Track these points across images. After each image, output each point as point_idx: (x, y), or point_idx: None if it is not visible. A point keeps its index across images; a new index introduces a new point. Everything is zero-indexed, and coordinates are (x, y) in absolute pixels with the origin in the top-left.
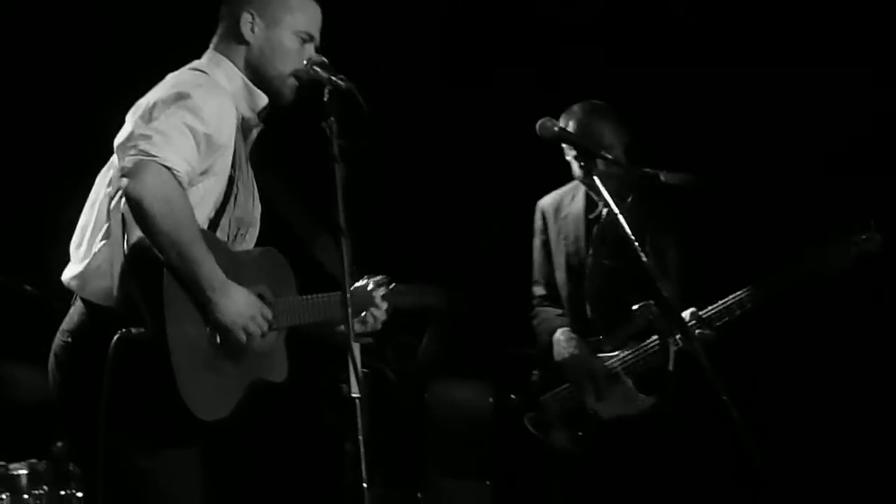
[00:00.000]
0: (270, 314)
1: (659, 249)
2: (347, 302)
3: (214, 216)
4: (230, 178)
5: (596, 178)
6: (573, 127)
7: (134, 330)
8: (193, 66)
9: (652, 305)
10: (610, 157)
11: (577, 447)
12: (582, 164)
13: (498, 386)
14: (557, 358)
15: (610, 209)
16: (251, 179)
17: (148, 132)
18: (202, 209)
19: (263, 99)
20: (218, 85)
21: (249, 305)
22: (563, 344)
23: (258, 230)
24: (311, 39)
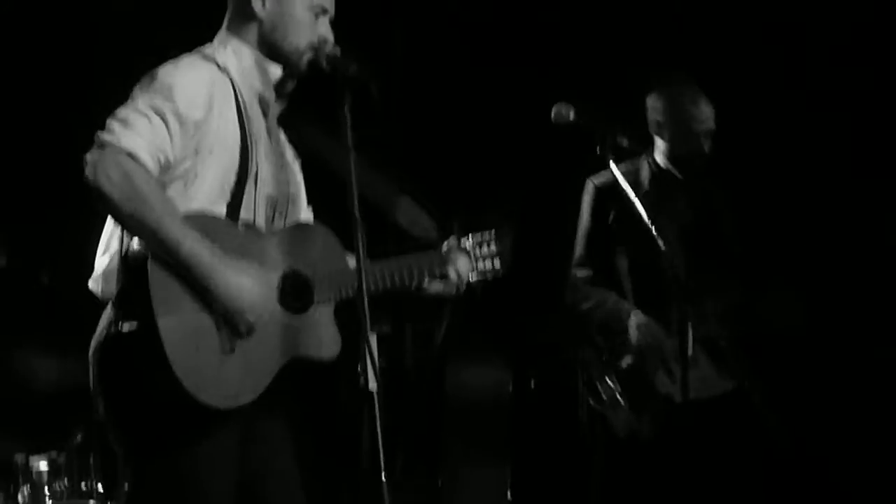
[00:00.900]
0: (269, 303)
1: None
2: (364, 292)
3: (232, 198)
4: (243, 155)
5: (613, 165)
6: (663, 103)
7: (123, 325)
8: (197, 49)
9: (737, 288)
10: (626, 143)
11: (641, 429)
12: (598, 150)
13: (518, 371)
14: (633, 339)
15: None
16: (282, 153)
17: (109, 122)
18: (208, 191)
19: (277, 72)
20: (198, 62)
21: (253, 284)
22: (639, 324)
23: (303, 205)
24: (324, 12)
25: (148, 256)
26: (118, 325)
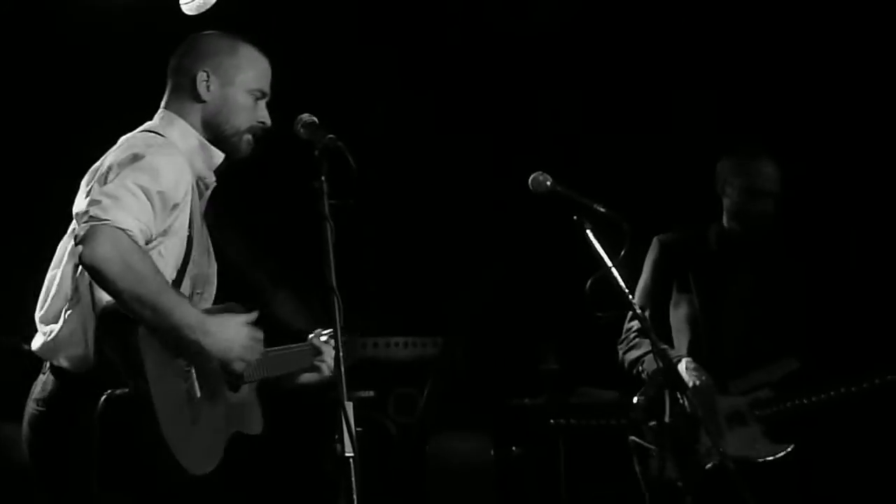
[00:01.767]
0: (260, 335)
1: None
2: (340, 361)
3: (176, 276)
4: (188, 237)
5: (589, 232)
6: (730, 165)
7: (118, 391)
8: (146, 127)
9: (795, 360)
10: (603, 210)
11: (680, 478)
12: (575, 217)
13: (499, 438)
14: (687, 379)
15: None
16: (206, 237)
17: (99, 197)
18: (165, 270)
19: (219, 156)
20: (172, 145)
21: (238, 332)
22: (691, 372)
23: (215, 287)
24: (263, 96)
25: (130, 320)
26: (110, 391)
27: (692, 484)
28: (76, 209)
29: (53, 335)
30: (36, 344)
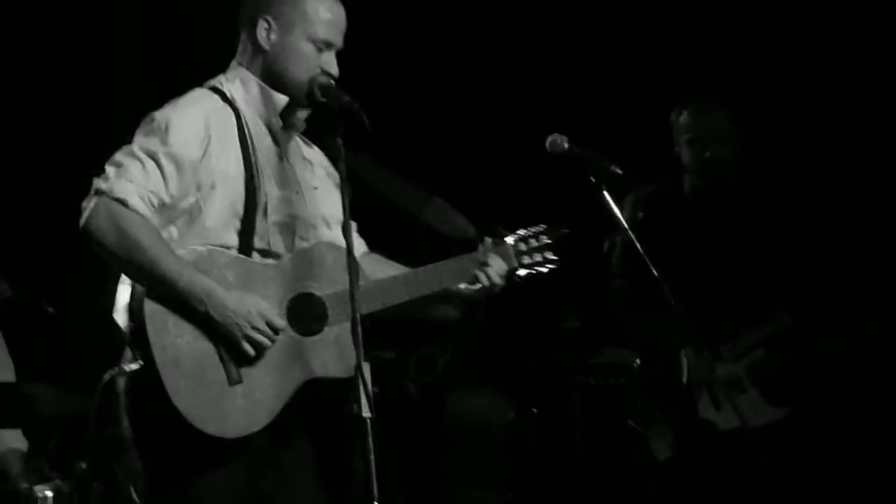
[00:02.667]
0: (278, 318)
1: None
2: (357, 320)
3: (242, 227)
4: (249, 185)
5: (606, 194)
6: (685, 118)
7: (126, 365)
8: (209, 81)
9: (786, 313)
10: (620, 171)
11: (679, 455)
12: (593, 178)
13: (519, 398)
14: (685, 377)
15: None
16: (297, 178)
17: (106, 166)
18: (214, 223)
19: (282, 99)
20: (197, 98)
21: (246, 313)
22: (690, 364)
23: (328, 227)
24: (328, 47)
25: (137, 289)
26: (124, 363)
27: (699, 455)
28: None
29: (120, 304)
30: (114, 313)
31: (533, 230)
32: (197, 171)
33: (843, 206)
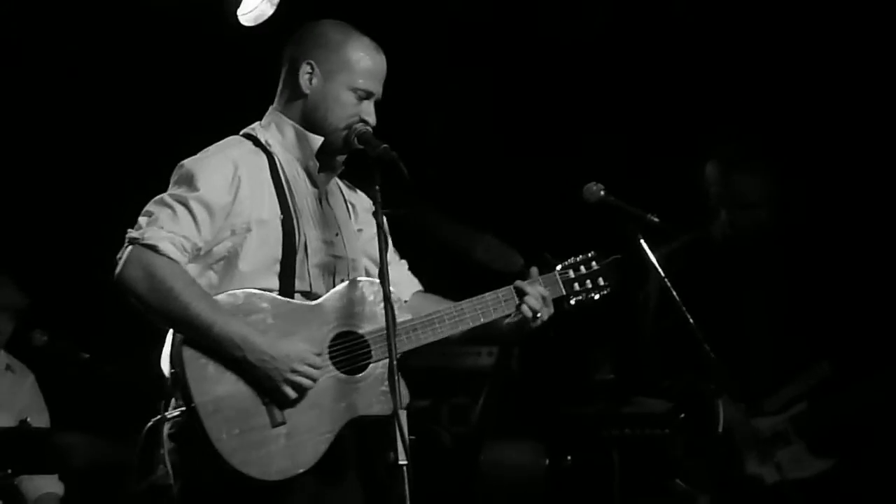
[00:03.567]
0: (317, 359)
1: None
2: (394, 369)
3: (283, 269)
4: (287, 226)
5: (643, 243)
6: (722, 173)
7: (169, 414)
8: (242, 131)
9: (826, 364)
10: (657, 220)
11: None
12: (628, 227)
13: (552, 447)
14: (720, 426)
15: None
16: (336, 219)
17: (140, 217)
18: (253, 266)
19: (318, 140)
20: (226, 146)
21: (283, 356)
22: (727, 418)
23: (365, 269)
24: (368, 96)
25: (176, 335)
26: (166, 409)
27: None
28: None
29: (165, 353)
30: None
31: (581, 258)
32: (229, 214)
33: (881, 254)
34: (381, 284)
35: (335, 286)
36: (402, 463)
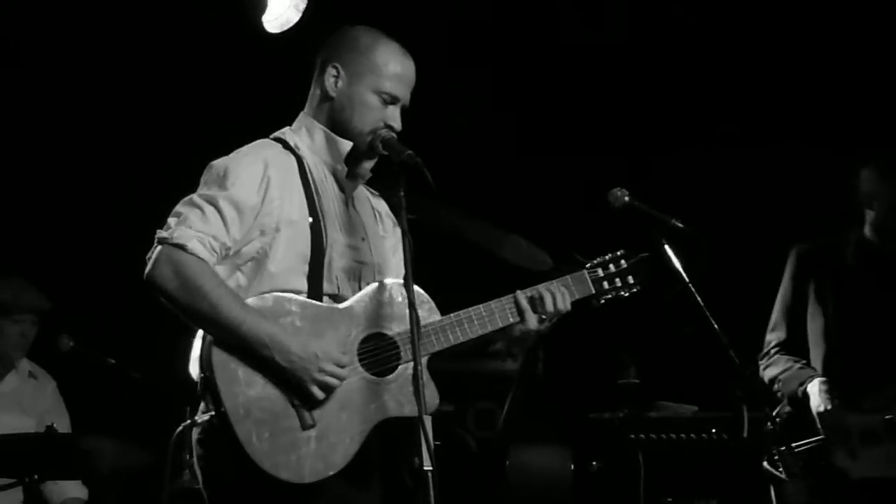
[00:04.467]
0: (344, 359)
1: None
2: (420, 374)
3: (311, 271)
4: (314, 229)
5: (668, 248)
6: (876, 174)
7: (198, 418)
8: (272, 134)
9: None
10: (681, 225)
11: (814, 502)
12: (653, 232)
13: (579, 452)
14: (814, 409)
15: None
16: (363, 224)
17: (170, 217)
18: (281, 267)
19: (347, 145)
20: (255, 147)
21: (311, 356)
22: (821, 395)
23: (393, 273)
24: (394, 101)
25: (205, 337)
26: (194, 414)
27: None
28: None
29: (194, 355)
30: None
31: (610, 256)
32: (258, 214)
33: None
34: (406, 291)
35: (361, 289)
36: (427, 468)
